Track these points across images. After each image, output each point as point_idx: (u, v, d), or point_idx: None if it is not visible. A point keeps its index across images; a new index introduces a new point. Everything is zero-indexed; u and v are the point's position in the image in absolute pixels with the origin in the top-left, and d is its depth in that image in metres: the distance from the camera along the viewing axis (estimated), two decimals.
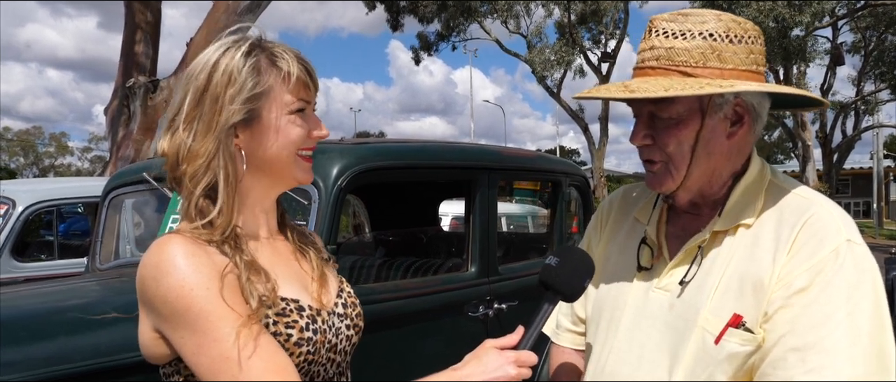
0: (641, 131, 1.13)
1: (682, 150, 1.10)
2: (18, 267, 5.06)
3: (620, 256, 1.26)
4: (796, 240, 1.04)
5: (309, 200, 2.38)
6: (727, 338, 1.04)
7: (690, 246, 1.13)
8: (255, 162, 1.07)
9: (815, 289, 1.00)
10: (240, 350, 0.94)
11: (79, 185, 5.98)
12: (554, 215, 3.57)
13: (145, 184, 2.94)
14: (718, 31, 1.09)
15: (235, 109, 1.02)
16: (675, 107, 1.09)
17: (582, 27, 24.48)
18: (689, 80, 1.07)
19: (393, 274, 3.13)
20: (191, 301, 0.95)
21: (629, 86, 1.09)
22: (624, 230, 1.30)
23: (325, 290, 1.15)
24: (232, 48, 1.05)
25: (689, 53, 1.09)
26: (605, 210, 1.39)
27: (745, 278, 1.06)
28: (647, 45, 1.14)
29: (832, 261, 1.01)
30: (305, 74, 1.08)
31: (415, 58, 26.32)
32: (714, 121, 1.10)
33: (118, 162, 8.20)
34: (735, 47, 1.09)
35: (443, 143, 3.54)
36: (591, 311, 1.30)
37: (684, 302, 1.11)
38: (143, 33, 8.78)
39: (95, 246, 3.20)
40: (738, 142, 1.13)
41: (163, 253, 0.98)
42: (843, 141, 27.74)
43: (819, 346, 0.97)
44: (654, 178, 1.15)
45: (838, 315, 0.98)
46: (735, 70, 1.09)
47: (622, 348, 1.18)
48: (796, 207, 1.08)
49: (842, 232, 1.04)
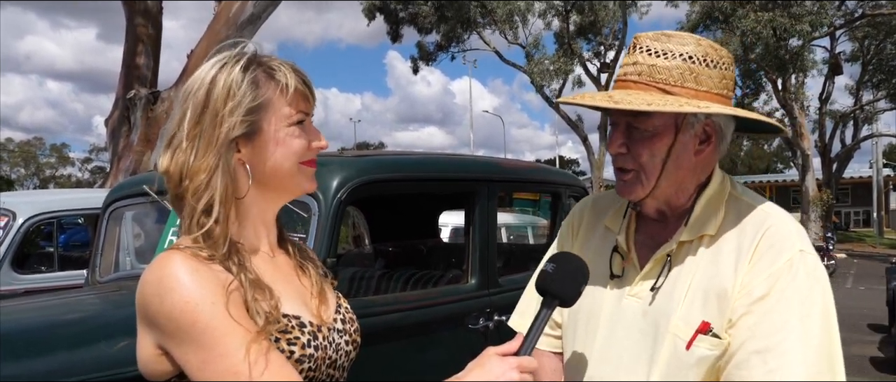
0: (618, 139, 1.19)
1: (654, 161, 1.17)
2: (18, 279, 5.06)
3: (593, 264, 1.30)
4: (756, 251, 1.12)
5: (309, 212, 2.38)
6: (697, 344, 1.12)
7: (659, 256, 1.20)
8: (258, 175, 1.08)
9: (773, 297, 1.08)
10: (251, 366, 0.94)
11: (79, 197, 5.98)
12: (553, 226, 3.58)
13: (146, 197, 2.94)
14: (697, 54, 1.17)
15: (235, 123, 1.03)
16: (652, 120, 1.16)
17: (581, 39, 24.56)
18: (668, 98, 1.15)
19: (393, 285, 3.13)
20: (196, 316, 0.95)
21: (613, 97, 1.16)
22: (596, 237, 1.36)
23: (324, 306, 1.15)
24: (229, 63, 1.06)
25: (669, 72, 1.17)
26: (576, 217, 1.44)
27: (710, 287, 1.14)
28: (630, 60, 1.21)
29: (787, 271, 1.09)
30: (303, 86, 1.09)
31: (413, 67, 26.40)
32: (686, 137, 1.17)
33: (119, 173, 8.21)
34: (710, 71, 1.17)
35: (442, 155, 3.55)
36: (567, 317, 1.35)
37: (656, 309, 1.18)
38: (144, 45, 8.81)
39: (95, 258, 3.20)
40: (704, 159, 1.20)
41: (166, 270, 0.98)
42: (843, 150, 27.79)
43: (778, 349, 1.05)
44: (626, 186, 1.22)
45: (793, 320, 1.06)
46: (708, 92, 1.17)
47: (601, 354, 1.24)
48: (755, 219, 1.17)
49: (795, 243, 1.12)
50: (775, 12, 18.07)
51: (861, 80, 26.79)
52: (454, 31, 24.42)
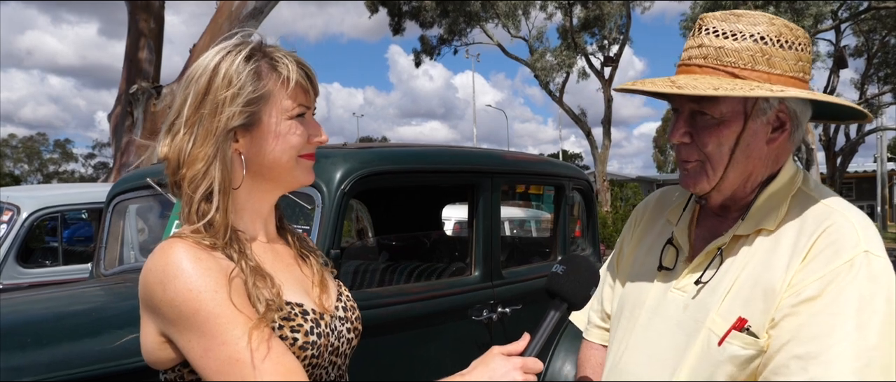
0: (681, 128, 1.12)
1: (722, 151, 1.10)
2: (23, 273, 5.07)
3: (647, 256, 1.27)
4: (812, 249, 1.03)
5: (312, 205, 2.38)
6: (730, 341, 1.05)
7: (710, 249, 1.14)
8: (255, 167, 1.08)
9: (825, 299, 0.98)
10: (252, 352, 0.94)
11: (83, 191, 5.99)
12: (557, 219, 3.57)
13: (149, 190, 2.95)
14: (770, 34, 1.08)
15: (235, 113, 1.02)
16: (719, 107, 1.08)
17: (585, 32, 24.48)
18: (737, 81, 1.06)
19: (396, 278, 3.13)
20: (199, 304, 0.95)
21: (676, 82, 1.08)
22: (655, 230, 1.31)
23: (326, 294, 1.16)
24: (233, 52, 1.05)
25: (739, 55, 1.08)
26: (640, 211, 1.40)
27: (757, 283, 1.06)
28: (695, 43, 1.13)
29: (846, 272, 0.99)
30: (305, 80, 1.09)
31: (416, 61, 26.35)
32: (756, 124, 1.09)
33: (122, 168, 8.23)
34: (785, 53, 1.09)
35: (446, 148, 3.54)
36: (615, 309, 1.32)
37: (698, 302, 1.12)
38: (147, 40, 8.82)
39: (99, 251, 3.20)
40: (777, 148, 1.13)
41: (168, 258, 0.98)
42: (847, 144, 27.69)
43: (823, 357, 0.96)
44: (689, 177, 1.14)
45: (847, 326, 0.96)
46: (783, 76, 1.08)
47: (637, 346, 1.20)
48: (817, 215, 1.07)
49: (861, 243, 1.01)
50: (780, 4, 17.99)
51: (866, 74, 26.67)
52: (456, 24, 24.36)
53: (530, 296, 2.99)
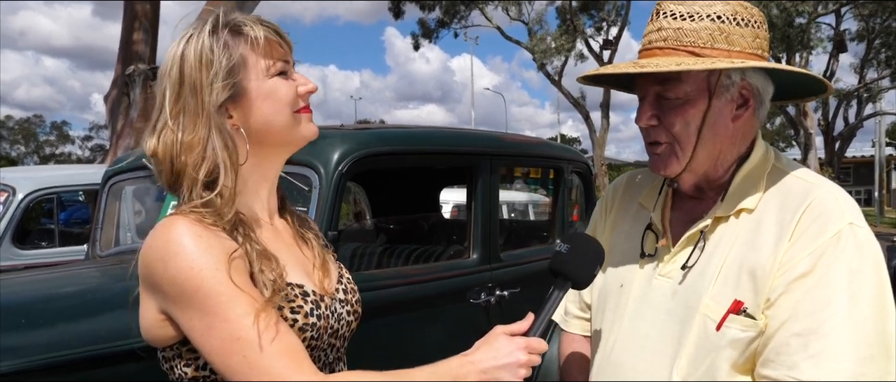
0: (648, 111, 1.13)
1: (689, 131, 1.11)
2: (19, 255, 5.06)
3: (626, 243, 1.25)
4: (798, 225, 1.04)
5: (309, 186, 2.36)
6: (728, 324, 1.05)
7: (693, 232, 1.13)
8: (256, 136, 1.06)
9: (817, 274, 1.00)
10: (260, 333, 0.93)
11: (79, 173, 5.97)
12: (556, 202, 3.56)
13: (145, 171, 2.92)
14: (726, 13, 1.11)
15: (218, 89, 1.01)
16: (682, 86, 1.10)
17: (584, 15, 24.32)
18: (698, 59, 1.08)
19: (394, 261, 3.12)
20: (200, 282, 0.94)
21: (639, 63, 1.10)
22: (629, 216, 1.30)
23: (326, 276, 1.15)
24: (194, 35, 1.04)
25: (698, 34, 1.10)
26: (609, 196, 1.38)
27: (745, 264, 1.06)
28: (654, 27, 1.14)
29: (834, 245, 1.00)
30: (274, 35, 1.07)
31: (414, 44, 26.20)
32: (721, 102, 1.11)
33: (119, 150, 8.18)
34: (742, 30, 1.10)
35: (444, 129, 3.52)
36: (596, 298, 1.30)
37: (686, 288, 1.11)
38: (142, 21, 8.73)
39: (95, 233, 3.19)
40: (742, 126, 1.14)
41: (170, 234, 0.97)
42: (845, 129, 27.68)
43: (821, 331, 0.97)
44: (659, 160, 1.15)
45: (839, 299, 0.98)
46: (742, 52, 1.10)
47: (627, 336, 1.18)
48: (798, 191, 1.08)
49: (845, 215, 1.03)
50: None
51: (866, 58, 26.58)
52: (455, 7, 24.19)
53: (528, 279, 2.98)
